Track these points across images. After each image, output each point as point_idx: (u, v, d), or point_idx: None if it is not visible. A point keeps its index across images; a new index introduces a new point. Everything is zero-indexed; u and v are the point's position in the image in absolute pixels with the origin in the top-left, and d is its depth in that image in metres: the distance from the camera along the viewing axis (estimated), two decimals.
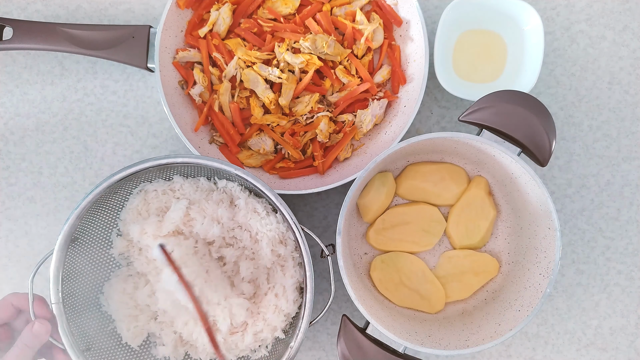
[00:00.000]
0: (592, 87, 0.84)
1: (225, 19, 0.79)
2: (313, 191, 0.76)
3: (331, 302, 0.68)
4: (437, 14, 0.84)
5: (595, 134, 0.84)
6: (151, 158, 0.67)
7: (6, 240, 0.85)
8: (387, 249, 0.78)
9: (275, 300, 0.72)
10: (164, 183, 0.73)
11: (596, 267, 0.84)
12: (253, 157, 0.81)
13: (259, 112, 0.79)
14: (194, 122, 0.81)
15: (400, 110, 0.80)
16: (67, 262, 0.68)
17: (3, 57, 0.86)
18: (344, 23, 0.80)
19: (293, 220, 0.67)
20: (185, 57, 0.80)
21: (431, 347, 0.69)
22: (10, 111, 0.86)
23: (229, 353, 0.73)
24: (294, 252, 0.70)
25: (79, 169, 0.85)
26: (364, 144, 0.83)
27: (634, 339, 0.83)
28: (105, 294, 0.73)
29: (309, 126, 0.79)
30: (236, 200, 0.72)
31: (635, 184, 0.84)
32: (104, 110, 0.86)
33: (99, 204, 0.70)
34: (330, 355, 0.84)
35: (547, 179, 0.84)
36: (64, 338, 0.67)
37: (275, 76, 0.78)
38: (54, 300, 0.67)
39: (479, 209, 0.78)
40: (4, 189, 0.85)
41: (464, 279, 0.78)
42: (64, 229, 0.67)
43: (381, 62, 0.82)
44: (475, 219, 0.77)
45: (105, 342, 0.71)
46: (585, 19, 0.85)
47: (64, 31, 0.78)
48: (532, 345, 0.84)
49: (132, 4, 0.86)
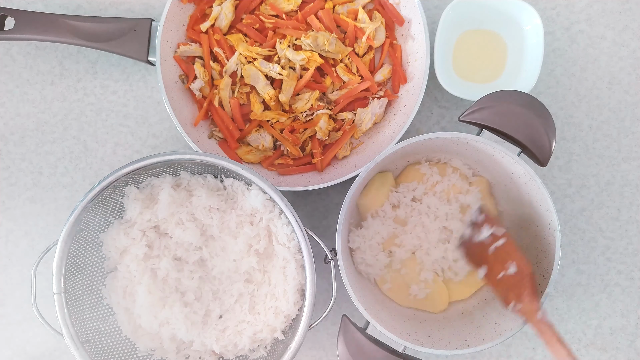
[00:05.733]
0: (592, 87, 0.84)
1: (228, 14, 0.79)
2: (311, 188, 0.76)
3: (332, 306, 0.68)
4: (437, 13, 0.84)
5: (595, 134, 0.84)
6: (158, 154, 0.68)
7: (6, 240, 0.85)
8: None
9: (276, 301, 0.72)
10: (172, 179, 0.73)
11: (596, 267, 0.84)
12: (252, 153, 0.81)
13: (259, 108, 0.79)
14: (193, 116, 0.81)
15: (400, 110, 0.80)
16: (70, 254, 0.69)
17: (3, 57, 0.86)
18: (345, 21, 0.80)
19: (298, 222, 0.67)
20: (187, 51, 0.80)
21: (431, 347, 0.69)
22: (10, 111, 0.86)
23: (227, 352, 0.74)
24: (297, 254, 0.70)
25: (79, 169, 0.85)
26: (363, 142, 0.83)
27: (634, 339, 0.83)
28: (108, 286, 0.73)
29: (309, 123, 0.80)
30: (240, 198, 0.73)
31: (635, 184, 0.84)
32: (104, 110, 0.86)
33: (104, 198, 0.70)
34: (330, 355, 0.84)
35: (547, 179, 0.84)
36: (64, 329, 0.67)
37: (276, 72, 0.78)
38: (56, 290, 0.68)
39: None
40: (4, 189, 0.85)
41: (464, 278, 0.78)
42: (69, 220, 0.67)
43: (382, 61, 0.82)
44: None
45: (106, 334, 0.72)
46: (585, 19, 0.85)
47: (65, 22, 0.78)
48: (532, 345, 0.83)
49: (132, 4, 0.86)
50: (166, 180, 0.73)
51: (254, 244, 0.72)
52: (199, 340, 0.73)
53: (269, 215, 0.71)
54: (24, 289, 0.84)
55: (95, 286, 0.73)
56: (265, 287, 0.73)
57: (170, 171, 0.73)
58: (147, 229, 0.73)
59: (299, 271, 0.71)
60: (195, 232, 0.72)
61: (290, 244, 0.70)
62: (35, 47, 0.86)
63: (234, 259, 0.73)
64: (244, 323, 0.73)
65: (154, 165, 0.68)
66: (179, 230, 0.72)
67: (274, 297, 0.72)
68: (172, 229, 0.73)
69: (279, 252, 0.71)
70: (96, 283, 0.73)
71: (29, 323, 0.84)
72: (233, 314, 0.74)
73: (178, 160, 0.68)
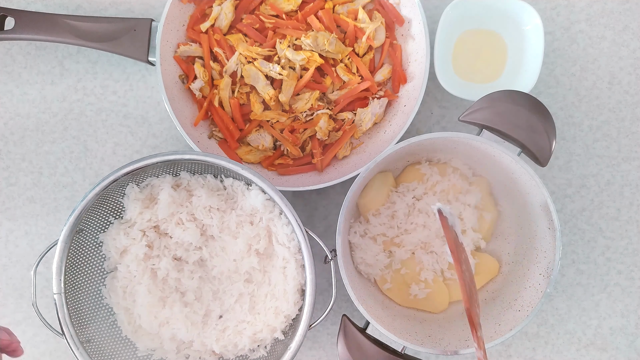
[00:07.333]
0: (592, 87, 0.84)
1: (228, 14, 0.79)
2: (311, 188, 0.76)
3: (332, 306, 0.68)
4: (437, 13, 0.84)
5: (595, 134, 0.84)
6: (158, 154, 0.68)
7: (6, 240, 0.85)
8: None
9: (276, 301, 0.72)
10: (172, 179, 0.73)
11: (596, 267, 0.84)
12: (252, 153, 0.81)
13: (258, 108, 0.79)
14: (193, 116, 0.81)
15: (400, 110, 0.80)
16: (70, 254, 0.69)
17: (3, 57, 0.86)
18: (345, 21, 0.80)
19: (298, 222, 0.67)
20: (187, 51, 0.80)
21: (431, 347, 0.69)
22: (10, 111, 0.86)
23: (227, 352, 0.74)
24: (297, 254, 0.70)
25: (79, 169, 0.85)
26: (363, 142, 0.83)
27: (634, 339, 0.83)
28: (108, 286, 0.73)
29: (309, 123, 0.80)
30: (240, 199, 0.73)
31: (635, 184, 0.84)
32: (104, 110, 0.86)
33: (104, 197, 0.70)
34: (330, 355, 0.84)
35: (547, 179, 0.84)
36: (64, 329, 0.67)
37: (276, 72, 0.78)
38: (56, 290, 0.68)
39: (479, 209, 0.78)
40: (4, 189, 0.85)
41: None
42: (69, 220, 0.67)
43: (382, 61, 0.82)
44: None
45: (106, 334, 0.72)
46: (585, 19, 0.85)
47: (65, 22, 0.78)
48: (532, 345, 0.83)
49: (132, 4, 0.86)
50: (166, 180, 0.73)
51: (254, 244, 0.72)
52: (199, 340, 0.73)
53: (269, 215, 0.71)
54: (24, 289, 0.84)
55: (95, 286, 0.73)
56: (265, 287, 0.73)
57: (170, 171, 0.73)
58: (147, 229, 0.73)
59: (299, 271, 0.71)
60: (195, 232, 0.72)
61: (290, 244, 0.70)
62: (35, 47, 0.86)
63: (234, 259, 0.73)
64: (244, 323, 0.73)
65: (154, 165, 0.68)
66: (179, 230, 0.72)
67: (274, 297, 0.72)
68: (172, 229, 0.73)
69: (279, 252, 0.71)
70: (96, 283, 0.73)
71: (29, 323, 0.84)
72: (233, 314, 0.74)
73: (178, 160, 0.68)
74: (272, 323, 0.72)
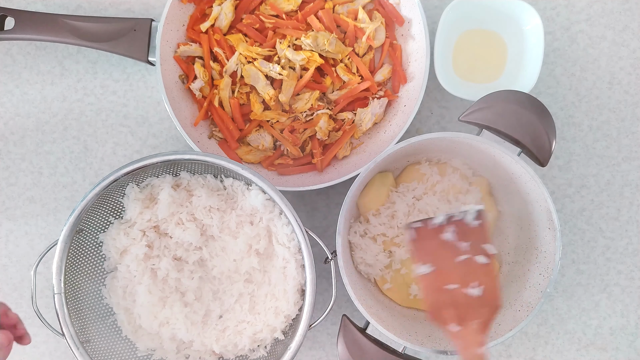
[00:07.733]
0: (592, 87, 0.84)
1: (228, 14, 0.79)
2: (311, 188, 0.76)
3: (332, 306, 0.68)
4: (437, 13, 0.84)
5: (595, 134, 0.84)
6: (158, 154, 0.68)
7: (6, 240, 0.85)
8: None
9: (276, 301, 0.72)
10: (172, 179, 0.73)
11: (596, 267, 0.84)
12: (252, 153, 0.81)
13: (258, 108, 0.79)
14: (193, 116, 0.81)
15: (400, 110, 0.81)
16: (70, 254, 0.69)
17: (3, 57, 0.86)
18: (345, 21, 0.80)
19: (298, 222, 0.68)
20: (187, 51, 0.80)
21: (431, 347, 0.69)
22: (10, 111, 0.86)
23: (227, 352, 0.73)
24: (297, 254, 0.70)
25: (79, 169, 0.85)
26: (363, 142, 0.83)
27: (634, 339, 0.83)
28: (108, 286, 0.73)
29: (309, 123, 0.80)
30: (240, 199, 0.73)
31: (635, 184, 0.84)
32: (104, 110, 0.86)
33: (104, 197, 0.70)
34: (330, 355, 0.84)
35: (547, 179, 0.84)
36: (64, 329, 0.67)
37: (276, 72, 0.78)
38: (57, 290, 0.68)
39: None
40: (4, 189, 0.85)
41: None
42: (69, 220, 0.67)
43: (382, 61, 0.82)
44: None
45: (106, 334, 0.72)
46: (585, 19, 0.85)
47: (65, 22, 0.78)
48: (532, 345, 0.83)
49: (132, 4, 0.86)
50: (166, 180, 0.73)
51: (254, 244, 0.72)
52: (199, 340, 0.73)
53: (269, 215, 0.71)
54: (24, 289, 0.84)
55: (95, 286, 0.73)
56: (265, 287, 0.73)
57: (170, 171, 0.73)
58: (147, 229, 0.73)
59: (299, 271, 0.71)
60: (195, 232, 0.72)
61: (290, 244, 0.70)
62: (35, 47, 0.86)
63: (234, 259, 0.73)
64: (244, 323, 0.73)
65: (154, 165, 0.68)
66: (179, 230, 0.72)
67: (274, 297, 0.72)
68: (172, 229, 0.73)
69: (279, 252, 0.71)
70: (96, 283, 0.73)
71: (29, 323, 0.83)
72: (233, 314, 0.74)
73: (178, 160, 0.68)
74: (272, 323, 0.72)
